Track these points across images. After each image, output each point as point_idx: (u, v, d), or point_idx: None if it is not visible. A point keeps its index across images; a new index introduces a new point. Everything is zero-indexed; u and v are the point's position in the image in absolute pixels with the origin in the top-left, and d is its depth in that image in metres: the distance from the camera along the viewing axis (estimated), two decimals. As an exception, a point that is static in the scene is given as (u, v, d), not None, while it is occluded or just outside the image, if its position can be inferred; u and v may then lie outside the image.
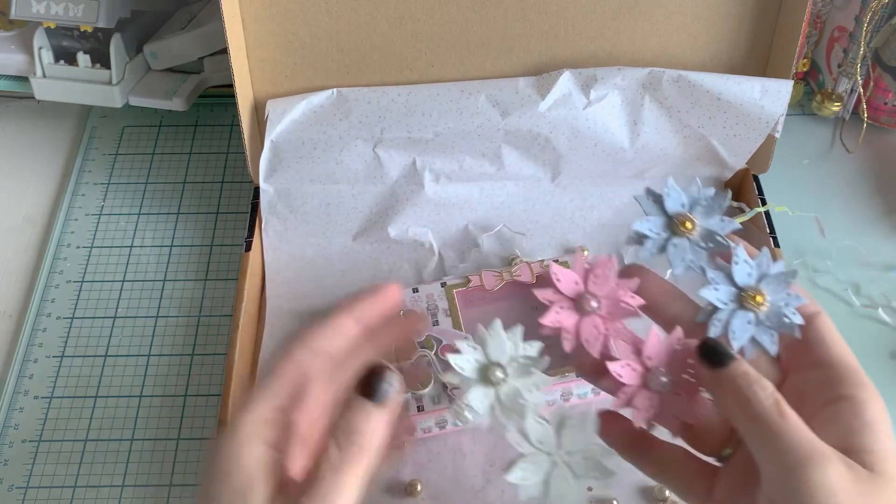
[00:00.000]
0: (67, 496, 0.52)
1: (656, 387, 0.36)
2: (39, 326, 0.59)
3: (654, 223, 0.38)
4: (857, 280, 0.59)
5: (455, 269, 0.59)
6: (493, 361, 0.37)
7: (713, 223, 0.38)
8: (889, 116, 0.66)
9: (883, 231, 0.62)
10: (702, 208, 0.38)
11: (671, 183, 0.38)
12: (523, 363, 0.37)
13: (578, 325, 0.37)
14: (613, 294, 0.38)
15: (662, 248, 0.38)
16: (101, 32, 0.63)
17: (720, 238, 0.38)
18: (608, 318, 0.37)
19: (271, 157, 0.58)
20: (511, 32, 0.57)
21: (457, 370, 0.37)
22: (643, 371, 0.37)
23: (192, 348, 0.58)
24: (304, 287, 0.59)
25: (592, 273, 0.38)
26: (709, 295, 0.36)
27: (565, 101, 0.56)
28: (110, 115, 0.71)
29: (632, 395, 0.36)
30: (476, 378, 0.37)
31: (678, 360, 0.37)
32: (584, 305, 0.37)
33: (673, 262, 0.38)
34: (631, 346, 0.38)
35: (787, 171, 0.65)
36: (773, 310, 0.36)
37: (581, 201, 0.61)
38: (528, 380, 0.37)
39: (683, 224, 0.38)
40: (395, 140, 0.58)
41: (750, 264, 0.37)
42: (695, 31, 0.57)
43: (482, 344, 0.37)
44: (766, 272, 0.37)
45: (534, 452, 0.36)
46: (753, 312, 0.36)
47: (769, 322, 0.36)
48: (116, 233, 0.64)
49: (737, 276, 0.36)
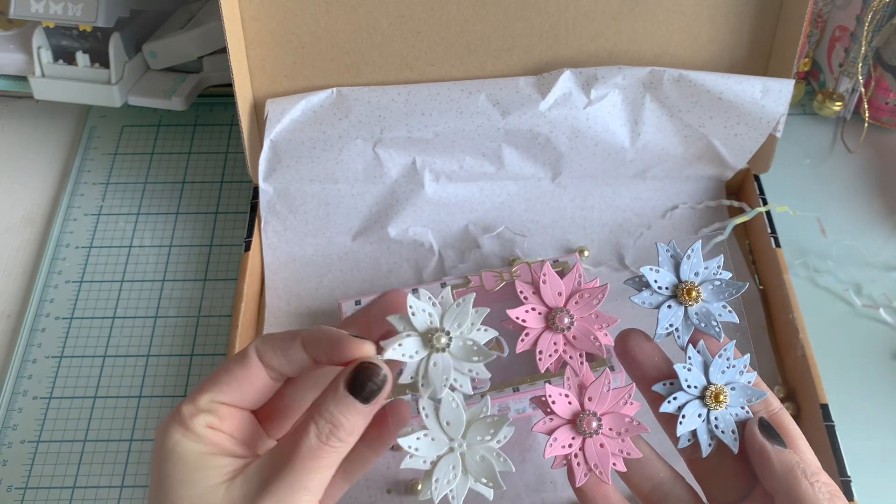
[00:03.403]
0: (66, 497, 0.52)
1: (584, 428, 0.37)
2: (38, 326, 0.59)
3: (662, 278, 0.38)
4: (858, 280, 0.59)
5: (455, 269, 0.59)
6: (442, 328, 0.36)
7: (715, 307, 0.38)
8: (890, 116, 0.65)
9: (884, 231, 0.62)
10: (712, 287, 0.38)
11: (697, 249, 0.38)
12: (469, 344, 0.36)
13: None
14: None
15: (657, 305, 0.38)
16: (100, 32, 0.63)
17: (714, 323, 0.37)
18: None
19: (270, 157, 0.58)
20: (511, 32, 0.57)
21: (407, 311, 0.36)
22: (577, 409, 0.37)
23: (191, 348, 0.58)
24: (304, 287, 0.59)
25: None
26: (680, 372, 0.37)
27: (566, 100, 0.56)
28: (109, 114, 0.71)
29: (555, 426, 0.37)
30: (418, 332, 0.36)
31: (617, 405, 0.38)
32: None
33: (660, 323, 0.37)
34: (577, 380, 0.38)
35: (788, 170, 0.65)
36: (724, 416, 0.37)
37: (581, 201, 0.61)
38: (466, 363, 0.36)
39: (689, 293, 0.37)
40: (394, 140, 0.58)
41: (729, 365, 0.37)
42: (695, 31, 0.57)
43: (443, 306, 0.36)
44: (738, 381, 0.37)
45: (437, 430, 0.36)
46: (708, 409, 0.37)
47: (718, 424, 0.37)
48: (115, 233, 0.64)
49: (712, 369, 0.37)
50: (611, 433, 0.37)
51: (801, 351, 0.51)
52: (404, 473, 0.51)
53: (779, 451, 0.35)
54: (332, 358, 0.34)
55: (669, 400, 0.36)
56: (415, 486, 0.50)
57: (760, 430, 0.36)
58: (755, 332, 0.56)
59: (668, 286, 0.38)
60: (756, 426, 0.36)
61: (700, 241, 0.39)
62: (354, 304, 0.54)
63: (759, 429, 0.36)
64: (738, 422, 0.37)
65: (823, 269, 0.60)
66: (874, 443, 0.52)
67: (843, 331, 0.57)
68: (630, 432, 0.37)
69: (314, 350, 0.34)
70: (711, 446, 0.37)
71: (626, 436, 0.37)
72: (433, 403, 0.36)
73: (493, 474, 0.35)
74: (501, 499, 0.50)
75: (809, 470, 0.34)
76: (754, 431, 0.36)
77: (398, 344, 0.35)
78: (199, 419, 0.33)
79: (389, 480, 0.51)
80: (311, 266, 0.60)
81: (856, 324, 0.57)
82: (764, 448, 0.35)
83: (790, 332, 0.53)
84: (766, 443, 0.35)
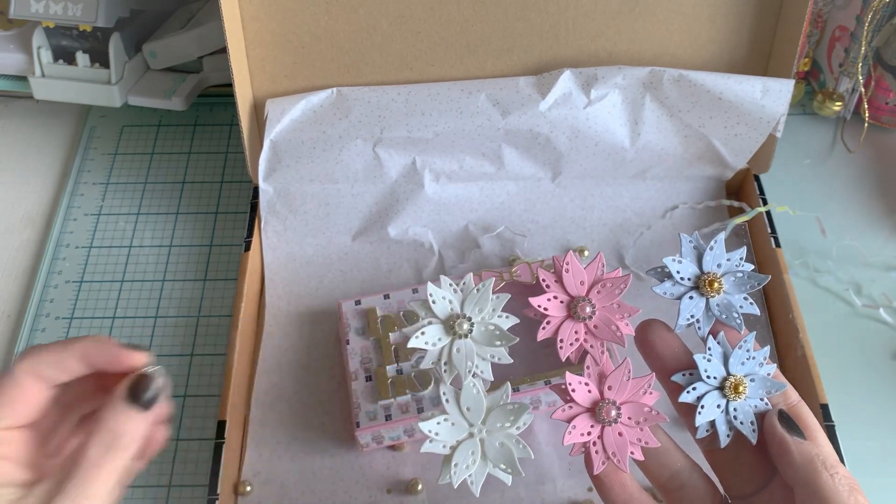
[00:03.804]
0: (66, 497, 0.52)
1: (603, 416, 0.37)
2: (38, 327, 0.59)
3: (684, 269, 0.38)
4: (858, 280, 0.59)
5: (455, 269, 0.59)
6: (464, 314, 0.37)
7: (737, 298, 0.38)
8: (890, 116, 0.65)
9: (884, 231, 0.62)
10: (735, 279, 0.38)
11: (721, 240, 0.38)
12: (491, 329, 0.37)
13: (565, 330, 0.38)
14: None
15: (679, 296, 0.38)
16: (100, 32, 0.63)
17: (736, 315, 0.38)
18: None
19: (270, 157, 0.58)
20: (511, 32, 0.57)
21: (428, 301, 0.36)
22: (597, 397, 0.37)
23: (191, 348, 0.58)
24: (304, 287, 0.59)
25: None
26: (700, 362, 0.37)
27: (566, 100, 0.56)
28: (109, 114, 0.71)
29: (574, 414, 0.37)
30: (440, 319, 0.37)
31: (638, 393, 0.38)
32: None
33: (681, 314, 0.38)
34: (597, 369, 0.38)
35: (788, 170, 0.65)
36: (743, 407, 0.37)
37: (582, 201, 0.61)
38: (488, 348, 0.36)
39: (711, 284, 0.37)
40: (394, 140, 0.58)
41: (749, 356, 0.37)
42: (695, 31, 0.57)
43: (464, 292, 0.37)
44: (758, 372, 0.37)
45: (457, 416, 0.36)
46: (727, 400, 0.37)
47: (736, 415, 0.37)
48: (115, 233, 0.64)
49: (732, 360, 0.37)
50: (629, 422, 0.37)
51: (801, 351, 0.51)
52: (404, 474, 0.51)
53: (798, 442, 0.35)
54: (106, 366, 0.35)
55: (688, 390, 0.36)
56: (414, 486, 0.50)
57: (780, 422, 0.36)
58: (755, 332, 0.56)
59: (691, 277, 0.38)
60: (776, 417, 0.36)
61: (723, 233, 0.38)
62: (354, 304, 0.54)
63: (779, 420, 0.36)
64: (757, 413, 0.37)
65: (823, 269, 0.60)
66: (874, 443, 0.52)
67: (843, 331, 0.57)
68: (649, 421, 0.37)
69: (91, 358, 0.35)
70: (730, 437, 0.37)
71: (644, 425, 0.37)
72: (454, 389, 0.36)
73: (511, 460, 0.36)
74: (502, 498, 0.50)
75: (829, 461, 0.34)
76: (774, 423, 0.36)
77: (421, 332, 0.36)
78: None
79: (389, 480, 0.51)
80: (311, 266, 0.60)
81: (856, 324, 0.57)
82: (784, 439, 0.35)
83: (790, 332, 0.53)
84: (786, 434, 0.35)
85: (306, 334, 0.57)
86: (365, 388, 0.50)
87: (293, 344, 0.56)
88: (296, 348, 0.56)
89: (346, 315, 0.54)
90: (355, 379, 0.51)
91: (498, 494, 0.50)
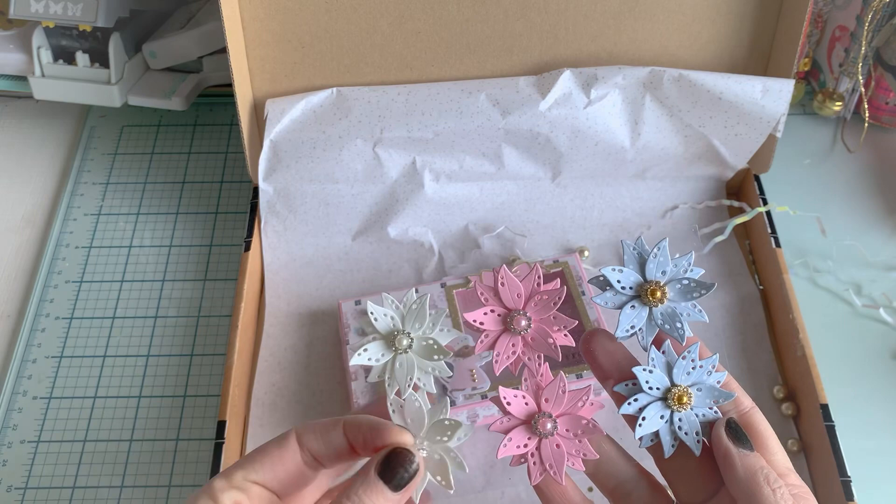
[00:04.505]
0: (66, 497, 0.52)
1: (539, 429, 0.37)
2: (38, 327, 0.59)
3: (625, 277, 0.37)
4: (858, 280, 0.59)
5: (455, 269, 0.59)
6: (404, 329, 0.38)
7: (683, 306, 0.36)
8: (890, 116, 0.65)
9: (884, 231, 0.62)
10: (680, 286, 0.36)
11: (664, 247, 0.36)
12: (430, 343, 0.38)
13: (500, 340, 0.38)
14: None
15: (620, 306, 0.37)
16: (99, 32, 0.63)
17: (679, 325, 0.36)
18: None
19: (270, 157, 0.58)
20: (511, 32, 0.57)
21: (370, 318, 0.38)
22: (534, 410, 0.37)
23: (191, 349, 0.58)
24: (304, 287, 0.59)
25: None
26: (640, 374, 0.36)
27: (566, 100, 0.56)
28: (109, 114, 0.71)
29: (510, 426, 0.37)
30: (381, 335, 0.38)
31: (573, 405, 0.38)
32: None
33: (620, 324, 0.36)
34: (535, 381, 0.38)
35: (788, 170, 0.65)
36: (689, 417, 0.36)
37: (581, 201, 0.61)
38: (428, 362, 0.38)
39: (653, 294, 0.36)
40: (394, 139, 0.58)
41: (694, 366, 0.36)
42: (696, 31, 0.57)
43: (404, 309, 0.38)
44: (706, 381, 0.36)
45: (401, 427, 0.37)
46: (671, 411, 0.36)
47: (681, 425, 0.36)
48: (115, 233, 0.64)
49: (675, 370, 0.36)
50: (567, 434, 0.37)
51: (801, 351, 0.51)
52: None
53: (743, 455, 0.34)
54: (370, 443, 0.35)
55: (630, 401, 0.36)
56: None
57: (727, 432, 0.35)
58: (755, 332, 0.56)
59: (633, 286, 0.37)
60: (723, 428, 0.35)
61: (667, 239, 0.37)
62: (354, 304, 0.54)
63: (726, 431, 0.35)
64: (707, 422, 0.36)
65: (823, 269, 0.60)
66: (874, 443, 0.52)
67: (843, 331, 0.57)
68: (586, 434, 0.37)
69: (354, 434, 0.35)
70: (674, 447, 0.36)
71: (582, 437, 0.37)
72: (399, 401, 0.37)
73: (445, 473, 0.36)
74: (502, 497, 0.50)
75: (773, 475, 0.34)
76: (720, 434, 0.35)
77: (363, 349, 0.37)
78: (228, 495, 0.34)
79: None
80: (311, 266, 0.60)
81: (856, 324, 0.57)
82: (728, 452, 0.35)
83: (790, 332, 0.53)
84: (731, 446, 0.35)
85: (306, 334, 0.57)
86: (365, 387, 0.50)
87: (293, 344, 0.56)
88: (296, 348, 0.56)
89: (346, 315, 0.54)
90: (355, 379, 0.51)
91: (498, 494, 0.50)
